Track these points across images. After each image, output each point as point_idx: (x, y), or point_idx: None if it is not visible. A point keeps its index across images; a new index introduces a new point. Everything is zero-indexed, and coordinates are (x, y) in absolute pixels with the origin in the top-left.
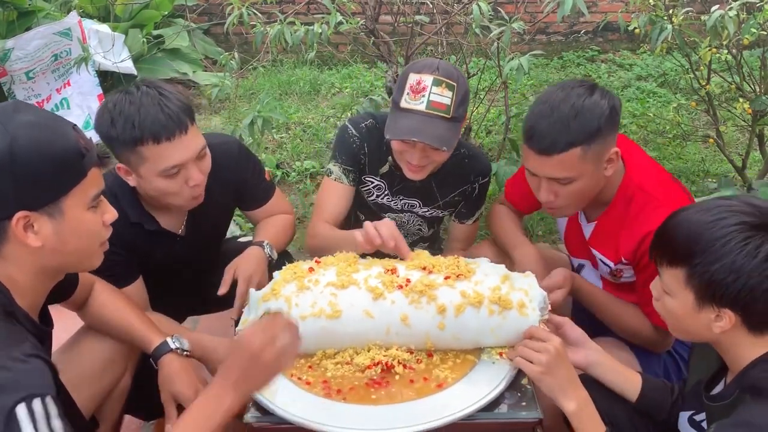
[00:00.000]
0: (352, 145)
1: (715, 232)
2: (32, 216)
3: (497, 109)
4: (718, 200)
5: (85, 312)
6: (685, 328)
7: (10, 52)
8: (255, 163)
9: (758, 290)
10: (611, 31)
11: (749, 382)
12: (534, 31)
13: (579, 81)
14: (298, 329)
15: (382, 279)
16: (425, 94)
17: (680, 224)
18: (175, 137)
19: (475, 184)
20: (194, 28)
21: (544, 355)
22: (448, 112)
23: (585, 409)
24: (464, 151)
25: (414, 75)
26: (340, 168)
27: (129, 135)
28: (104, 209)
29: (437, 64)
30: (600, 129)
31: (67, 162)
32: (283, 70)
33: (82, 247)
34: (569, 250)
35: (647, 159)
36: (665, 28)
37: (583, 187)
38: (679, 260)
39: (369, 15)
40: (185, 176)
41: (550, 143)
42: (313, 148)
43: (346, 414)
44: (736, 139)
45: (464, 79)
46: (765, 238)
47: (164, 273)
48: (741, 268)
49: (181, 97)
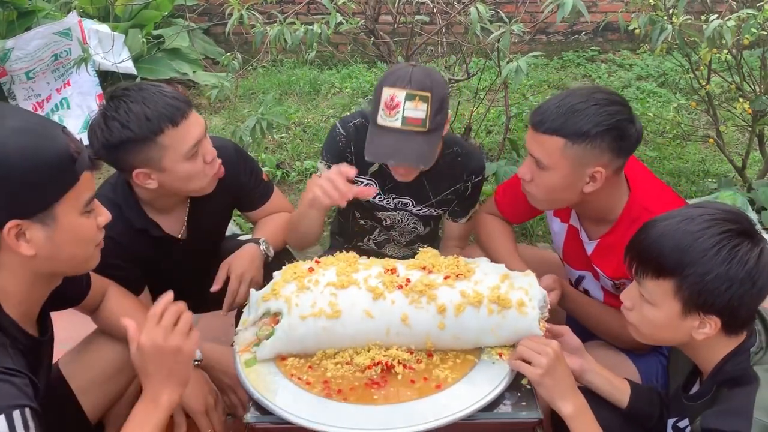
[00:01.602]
0: (338, 144)
1: (704, 242)
2: (24, 224)
3: (497, 109)
4: (696, 209)
5: (98, 315)
6: (662, 336)
7: (10, 52)
8: (252, 165)
9: (747, 297)
10: (611, 31)
11: (724, 376)
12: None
13: (613, 93)
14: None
15: (382, 279)
16: (399, 110)
17: (664, 236)
18: (188, 115)
19: (468, 183)
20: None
21: (544, 358)
22: (424, 125)
23: (582, 413)
24: (457, 150)
25: (387, 90)
26: (325, 165)
27: (147, 129)
28: (98, 212)
29: (410, 74)
30: (590, 135)
31: (58, 168)
32: (283, 70)
33: (77, 253)
34: (569, 263)
35: (654, 180)
36: (665, 28)
37: (554, 182)
38: (667, 272)
39: (369, 15)
40: (202, 153)
41: (541, 119)
42: (313, 148)
43: (346, 414)
44: (736, 139)
45: (440, 85)
46: (751, 245)
47: (164, 275)
48: (735, 275)
49: (167, 85)
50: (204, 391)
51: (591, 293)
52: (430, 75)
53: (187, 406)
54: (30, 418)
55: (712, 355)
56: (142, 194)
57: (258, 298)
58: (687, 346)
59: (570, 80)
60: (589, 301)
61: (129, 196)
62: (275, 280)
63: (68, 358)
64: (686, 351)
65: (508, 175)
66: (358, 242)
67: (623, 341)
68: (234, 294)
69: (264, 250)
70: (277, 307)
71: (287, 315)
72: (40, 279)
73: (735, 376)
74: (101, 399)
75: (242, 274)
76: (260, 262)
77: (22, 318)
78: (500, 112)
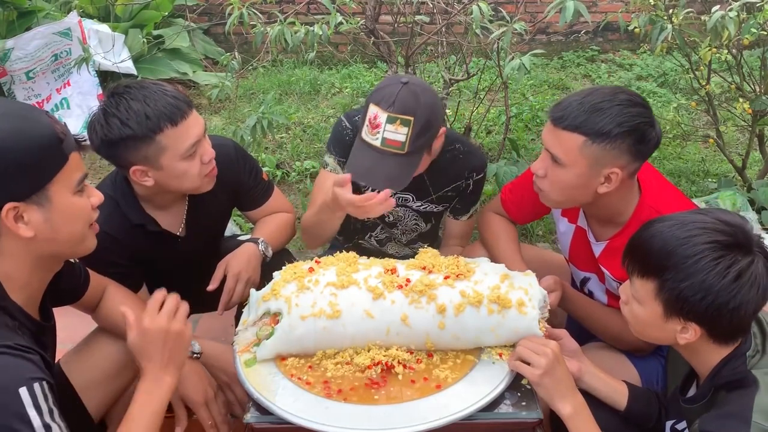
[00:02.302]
0: (345, 138)
1: (687, 249)
2: (21, 206)
3: (497, 109)
4: (694, 215)
5: (98, 314)
6: (650, 334)
7: (10, 52)
8: (252, 164)
9: (725, 308)
10: (611, 31)
11: (722, 380)
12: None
13: (636, 95)
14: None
15: (382, 279)
16: (380, 131)
17: (654, 237)
18: (188, 115)
19: (469, 180)
20: (194, 28)
21: (543, 359)
22: (402, 148)
23: (581, 413)
24: (459, 147)
25: (372, 107)
26: (335, 160)
27: (146, 127)
28: (90, 193)
29: (395, 95)
30: (610, 135)
31: (46, 148)
32: (283, 70)
33: (74, 232)
34: (575, 264)
35: (665, 183)
36: (665, 27)
37: (569, 180)
38: (651, 273)
39: (369, 15)
40: (200, 153)
41: (561, 115)
42: (313, 148)
43: (346, 414)
44: (736, 139)
45: (428, 107)
46: (735, 258)
47: (164, 273)
48: (710, 287)
49: (168, 84)
50: (204, 384)
51: (595, 296)
52: (417, 97)
53: (187, 398)
54: (48, 391)
55: (708, 359)
56: (140, 191)
57: (258, 298)
58: (682, 349)
59: (570, 80)
60: (589, 303)
61: (127, 192)
62: (275, 280)
63: (69, 357)
64: (682, 353)
65: (508, 175)
66: (360, 240)
67: (623, 343)
68: (230, 293)
69: (262, 249)
70: (277, 307)
71: (287, 315)
72: (41, 262)
73: (733, 379)
74: (103, 397)
75: (239, 273)
76: (257, 262)
77: (25, 303)
78: (500, 112)
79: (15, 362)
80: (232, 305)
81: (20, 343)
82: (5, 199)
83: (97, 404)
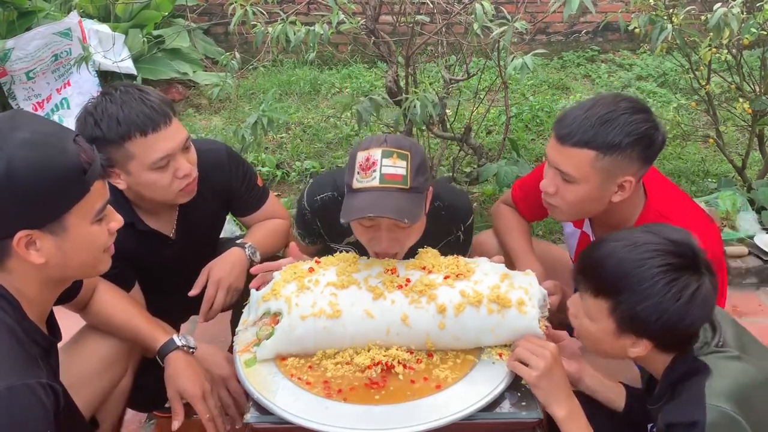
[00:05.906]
0: (304, 217)
1: (642, 272)
2: (34, 234)
3: (497, 109)
4: (645, 234)
5: (88, 311)
6: (600, 348)
7: (10, 52)
8: (246, 169)
9: (679, 326)
10: (611, 31)
11: (676, 375)
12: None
13: (636, 100)
14: None
15: (382, 279)
16: (376, 169)
17: (608, 258)
18: (161, 128)
19: (458, 233)
20: (194, 28)
21: (541, 360)
22: (405, 182)
23: (575, 417)
24: (439, 204)
25: (361, 153)
26: (296, 232)
27: (115, 132)
28: (110, 218)
29: (384, 137)
30: (621, 146)
31: (67, 180)
32: (283, 70)
33: (87, 260)
34: None
35: (668, 185)
36: (665, 28)
37: (583, 195)
38: (605, 293)
39: (369, 15)
40: (174, 167)
41: (569, 132)
42: (313, 148)
43: (346, 414)
44: (736, 139)
45: (419, 149)
46: (687, 282)
47: (159, 277)
48: (665, 310)
49: (160, 93)
50: (200, 377)
51: None
52: (406, 138)
53: (184, 392)
54: None
55: (660, 365)
56: (127, 193)
57: (258, 298)
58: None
59: (570, 80)
60: None
61: (117, 191)
62: (275, 280)
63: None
64: (634, 361)
65: (508, 175)
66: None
67: None
68: (210, 301)
69: (249, 254)
70: (277, 307)
71: (287, 315)
72: (52, 284)
73: (685, 370)
74: (92, 394)
75: (219, 280)
76: (241, 269)
77: (38, 320)
78: (500, 112)
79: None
80: (213, 314)
81: (42, 380)
82: (19, 227)
83: (87, 401)
